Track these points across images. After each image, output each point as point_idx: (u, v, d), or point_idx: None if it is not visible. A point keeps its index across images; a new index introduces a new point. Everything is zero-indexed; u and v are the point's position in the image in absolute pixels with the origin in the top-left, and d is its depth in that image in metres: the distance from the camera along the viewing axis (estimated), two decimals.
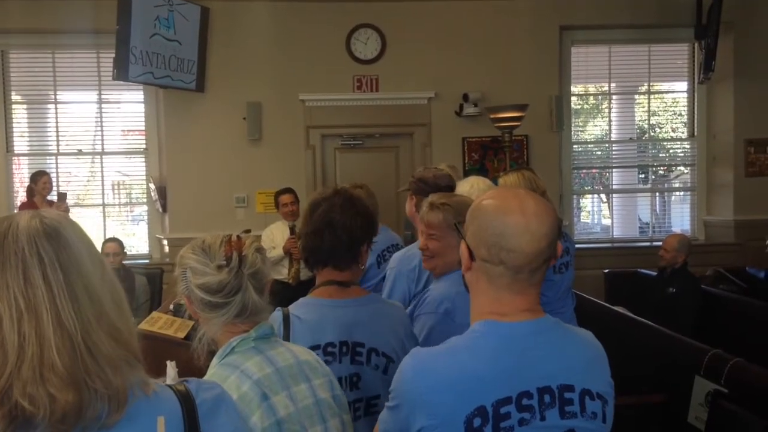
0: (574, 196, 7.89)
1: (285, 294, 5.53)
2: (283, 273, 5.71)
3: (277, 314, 1.93)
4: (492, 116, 6.53)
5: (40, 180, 6.44)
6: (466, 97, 7.12)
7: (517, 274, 1.39)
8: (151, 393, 1.09)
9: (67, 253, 1.05)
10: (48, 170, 6.85)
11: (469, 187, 3.47)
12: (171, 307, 4.18)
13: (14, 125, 7.30)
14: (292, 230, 5.77)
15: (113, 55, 6.16)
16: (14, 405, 0.97)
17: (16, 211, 6.89)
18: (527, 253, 1.37)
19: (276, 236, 5.82)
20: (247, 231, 1.75)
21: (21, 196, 7.14)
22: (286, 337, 1.89)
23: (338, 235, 1.99)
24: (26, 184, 6.74)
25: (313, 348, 1.89)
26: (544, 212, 1.40)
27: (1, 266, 1.02)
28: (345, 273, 2.03)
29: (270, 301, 1.69)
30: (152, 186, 7.15)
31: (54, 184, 6.73)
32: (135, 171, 7.51)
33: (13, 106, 7.30)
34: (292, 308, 1.99)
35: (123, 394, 1.03)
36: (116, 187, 7.59)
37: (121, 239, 5.86)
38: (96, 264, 1.09)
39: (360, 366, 1.96)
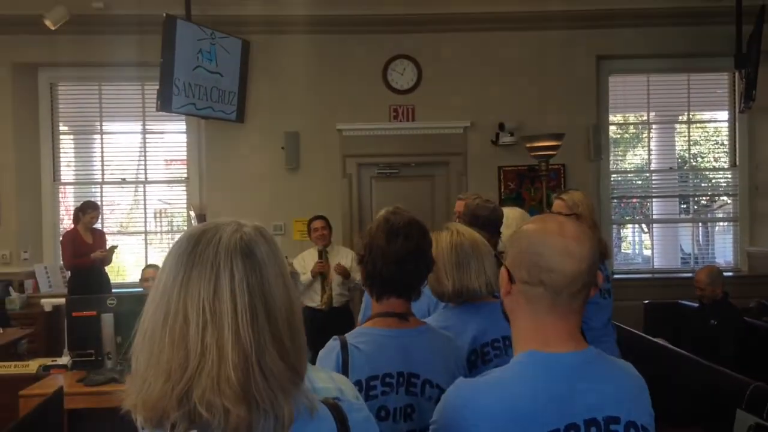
0: (614, 226, 7.86)
1: (316, 320, 5.65)
2: (315, 300, 5.81)
3: (334, 343, 1.97)
4: (528, 145, 6.61)
5: (89, 213, 6.63)
6: (502, 126, 7.20)
7: (557, 296, 1.39)
8: (314, 414, 1.12)
9: (256, 274, 1.08)
10: (93, 198, 7.09)
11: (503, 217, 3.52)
12: None
13: (61, 155, 7.61)
14: (320, 254, 5.90)
15: (157, 87, 6.41)
16: (193, 408, 1.02)
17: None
18: (567, 273, 1.37)
19: (307, 262, 5.93)
20: None
21: (66, 223, 7.40)
22: (345, 366, 1.92)
23: (419, 267, 2.04)
24: (71, 213, 6.96)
25: (371, 378, 1.92)
26: (584, 236, 1.41)
27: (198, 273, 1.07)
28: (408, 304, 2.07)
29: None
30: (192, 214, 7.33)
31: (99, 216, 6.90)
32: (176, 199, 7.72)
33: (61, 137, 7.62)
34: (350, 337, 2.00)
35: (289, 415, 1.07)
36: (158, 215, 7.78)
37: (161, 266, 6.00)
38: (279, 284, 1.11)
39: (414, 397, 1.98)
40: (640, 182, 7.97)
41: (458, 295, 2.37)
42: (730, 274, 7.45)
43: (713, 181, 8.02)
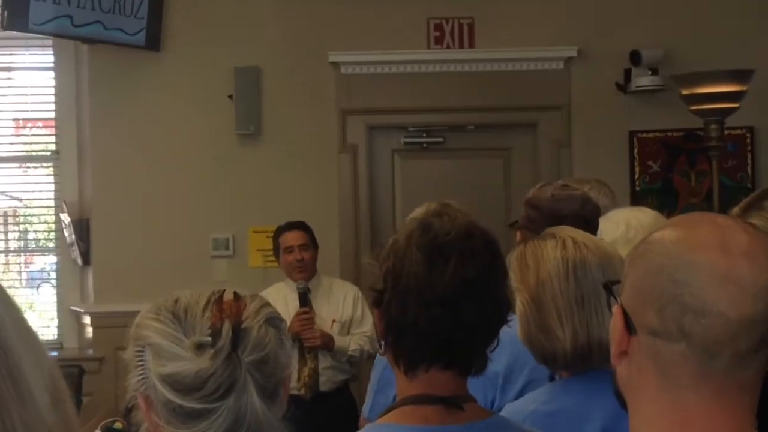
0: None
1: (294, 415, 5.41)
2: (291, 379, 5.76)
3: None
4: (685, 92, 6.65)
5: None
6: (635, 58, 7.21)
7: (711, 359, 1.39)
8: None
9: None
10: None
11: (624, 227, 3.62)
12: None
13: None
14: (303, 296, 5.93)
15: None
16: None
17: None
18: (730, 318, 1.37)
19: (276, 306, 5.86)
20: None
21: None
22: None
23: (487, 312, 2.07)
24: None
25: None
26: (765, 251, 1.42)
27: None
28: (463, 380, 2.11)
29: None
30: (65, 219, 7.31)
31: None
32: (36, 192, 7.86)
33: None
34: None
35: None
36: (2, 219, 7.85)
37: None
38: (29, 346, 1.15)
39: None
40: None
41: (581, 358, 2.42)
42: None
43: None
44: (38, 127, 7.91)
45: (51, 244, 7.80)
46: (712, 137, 6.70)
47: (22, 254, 8.00)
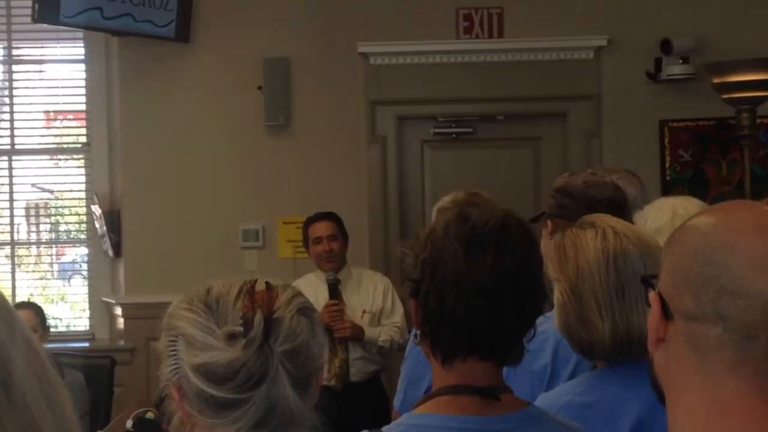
0: None
1: (325, 406, 5.38)
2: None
3: None
4: (716, 81, 6.63)
5: None
6: (666, 47, 7.17)
7: (749, 343, 1.35)
8: None
9: None
10: None
11: (670, 214, 3.56)
12: (129, 425, 4.36)
13: None
14: (332, 287, 5.96)
15: None
16: None
17: None
18: (767, 300, 1.34)
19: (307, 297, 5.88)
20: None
21: None
22: None
23: (525, 303, 2.08)
24: None
25: None
26: None
27: None
28: (499, 370, 2.13)
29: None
30: (96, 211, 7.37)
31: None
32: (67, 184, 7.94)
33: None
34: None
35: None
36: (33, 212, 7.92)
37: (40, 306, 6.09)
38: (22, 349, 1.13)
39: None
40: None
41: (620, 349, 2.41)
42: None
43: None
44: (69, 119, 7.97)
45: (82, 236, 7.86)
46: (744, 126, 6.71)
47: (53, 246, 8.07)
